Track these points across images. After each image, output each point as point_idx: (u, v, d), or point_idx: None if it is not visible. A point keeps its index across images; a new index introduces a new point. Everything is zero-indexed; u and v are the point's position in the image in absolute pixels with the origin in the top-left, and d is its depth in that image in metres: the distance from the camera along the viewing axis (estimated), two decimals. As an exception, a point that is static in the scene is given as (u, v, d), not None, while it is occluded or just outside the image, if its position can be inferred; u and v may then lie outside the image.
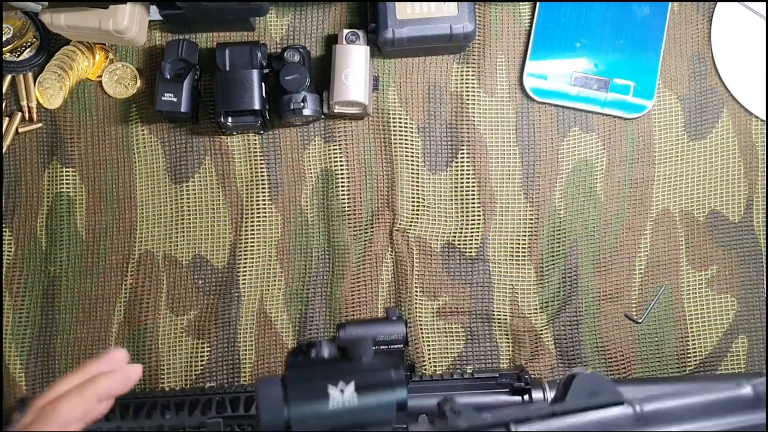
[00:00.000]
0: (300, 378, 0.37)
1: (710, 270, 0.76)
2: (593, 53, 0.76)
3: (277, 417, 0.36)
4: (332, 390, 0.37)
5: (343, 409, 0.37)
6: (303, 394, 0.37)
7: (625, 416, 0.41)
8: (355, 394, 0.37)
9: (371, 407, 0.37)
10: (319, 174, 0.76)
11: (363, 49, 0.71)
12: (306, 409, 0.36)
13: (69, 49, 0.74)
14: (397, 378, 0.38)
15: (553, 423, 0.40)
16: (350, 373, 0.37)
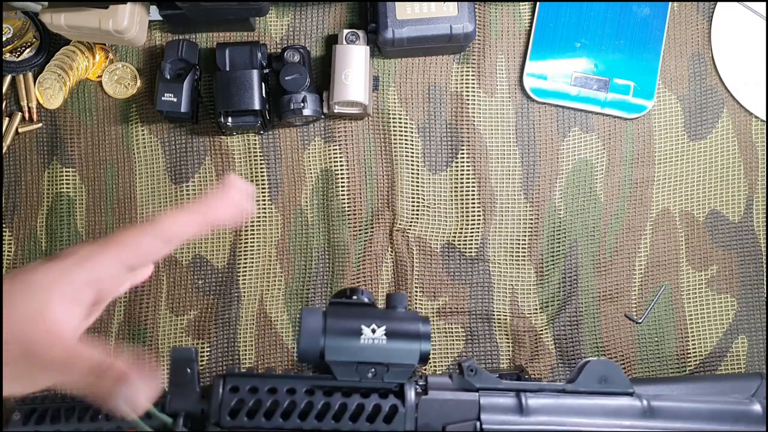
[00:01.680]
0: (339, 314, 0.41)
1: (710, 270, 0.76)
2: (593, 53, 0.76)
3: (314, 345, 0.40)
4: (365, 329, 0.40)
5: (372, 347, 0.40)
6: (339, 327, 0.40)
7: (632, 407, 0.43)
8: (384, 337, 0.40)
9: (397, 350, 0.40)
10: (319, 174, 0.76)
11: (363, 49, 0.71)
12: (340, 342, 0.40)
13: (69, 49, 0.74)
14: (424, 331, 0.41)
15: (561, 400, 0.42)
16: (383, 318, 0.41)
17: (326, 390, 0.41)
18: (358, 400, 0.40)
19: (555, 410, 0.42)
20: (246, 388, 0.41)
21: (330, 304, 0.42)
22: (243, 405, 0.40)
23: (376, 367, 0.41)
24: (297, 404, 0.40)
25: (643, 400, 0.43)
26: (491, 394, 0.42)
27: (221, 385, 0.41)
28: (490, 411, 0.42)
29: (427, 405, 0.41)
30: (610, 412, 0.42)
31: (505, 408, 0.42)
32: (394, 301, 0.42)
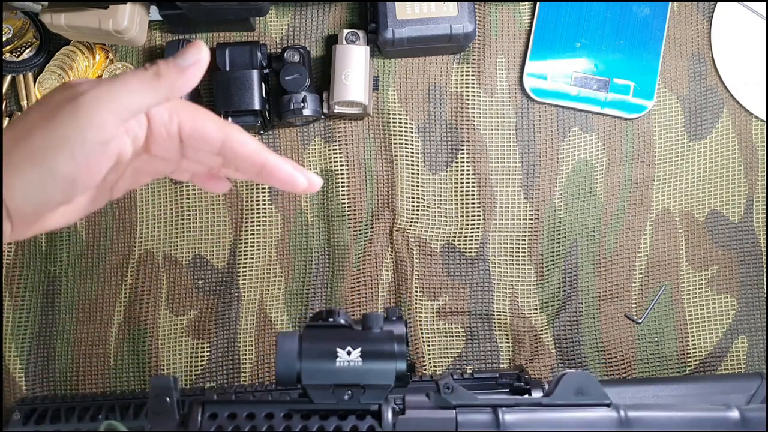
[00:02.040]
0: (315, 337, 0.42)
1: (710, 270, 0.76)
2: (593, 53, 0.76)
3: (290, 369, 0.41)
4: (341, 352, 0.41)
5: (348, 369, 0.41)
6: (315, 351, 0.41)
7: (608, 418, 0.43)
8: (360, 358, 0.41)
9: (373, 371, 0.41)
10: (319, 174, 0.76)
11: (363, 49, 0.71)
12: (316, 365, 0.41)
13: (69, 49, 0.74)
14: (399, 351, 0.42)
15: (538, 414, 0.43)
16: (359, 340, 0.42)
17: (304, 414, 0.41)
18: (335, 422, 0.41)
19: (531, 424, 0.43)
20: (224, 415, 0.42)
21: (306, 327, 0.43)
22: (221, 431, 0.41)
23: (353, 389, 0.41)
24: (275, 429, 0.41)
25: (620, 410, 0.44)
26: (468, 411, 0.43)
27: (200, 413, 0.42)
28: (467, 428, 0.43)
29: (404, 424, 0.42)
30: (585, 423, 0.43)
31: (482, 424, 0.43)
32: (370, 322, 0.43)
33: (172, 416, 0.42)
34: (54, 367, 0.73)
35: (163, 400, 0.42)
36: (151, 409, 0.42)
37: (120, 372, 0.73)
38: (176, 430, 0.42)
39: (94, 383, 0.73)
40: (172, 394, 0.42)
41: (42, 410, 0.69)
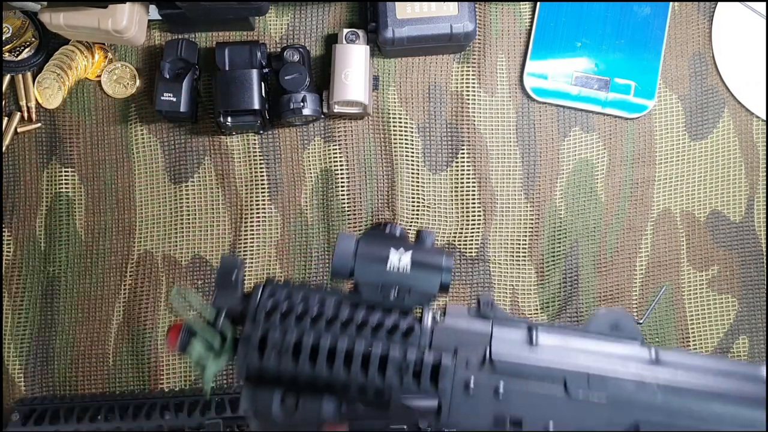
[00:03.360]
0: (372, 241, 0.45)
1: (711, 270, 0.76)
2: (594, 53, 0.76)
3: (345, 265, 0.44)
4: (392, 257, 0.44)
5: (396, 273, 0.44)
6: (369, 253, 0.44)
7: (639, 355, 0.44)
8: (409, 265, 0.44)
9: (419, 278, 0.44)
10: (319, 174, 0.75)
11: (363, 49, 0.71)
12: (368, 265, 0.44)
13: (68, 49, 0.74)
14: (446, 265, 0.44)
15: (571, 338, 0.45)
16: (411, 249, 0.45)
17: (353, 304, 0.45)
18: (379, 314, 0.44)
19: (563, 348, 0.44)
20: (282, 295, 0.45)
21: (365, 234, 0.46)
22: (277, 308, 0.44)
23: (399, 289, 0.44)
24: (325, 312, 0.44)
25: (651, 349, 0.45)
26: (504, 326, 0.45)
27: (261, 290, 0.45)
28: (501, 341, 0.44)
29: (442, 329, 0.45)
30: (616, 356, 0.44)
31: (516, 340, 0.45)
32: (423, 237, 0.46)
33: (236, 291, 0.45)
34: (53, 368, 0.73)
35: (229, 277, 0.45)
36: (217, 283, 0.45)
37: (119, 372, 0.73)
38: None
39: (93, 384, 0.73)
40: (238, 273, 0.45)
41: (41, 411, 0.68)
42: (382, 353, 0.43)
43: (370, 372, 0.43)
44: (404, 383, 0.43)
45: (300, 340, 0.43)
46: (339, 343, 0.43)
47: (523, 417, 0.43)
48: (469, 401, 0.43)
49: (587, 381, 0.43)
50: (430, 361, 0.43)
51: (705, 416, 0.42)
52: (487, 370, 0.44)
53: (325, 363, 0.43)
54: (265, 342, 0.43)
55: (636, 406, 0.43)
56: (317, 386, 0.44)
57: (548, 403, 0.43)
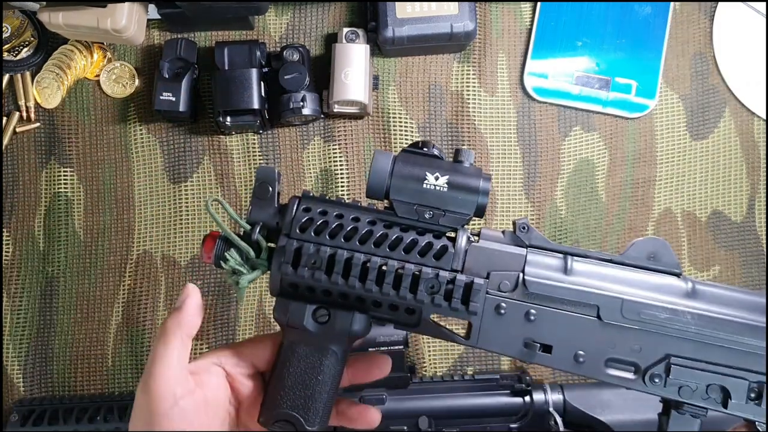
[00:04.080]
0: (407, 160, 0.45)
1: (712, 270, 0.76)
2: (595, 52, 0.76)
3: (380, 183, 0.44)
4: (429, 176, 0.44)
5: (432, 192, 0.44)
6: (406, 171, 0.44)
7: (675, 286, 0.44)
8: (446, 185, 0.44)
9: (455, 199, 0.44)
10: (319, 174, 0.75)
11: (363, 48, 0.71)
12: (404, 184, 0.44)
13: (67, 48, 0.74)
14: (483, 187, 0.44)
15: (606, 268, 0.44)
16: (447, 170, 0.44)
17: (386, 223, 0.45)
18: (413, 235, 0.44)
19: (597, 276, 0.44)
20: (317, 210, 0.45)
21: (402, 151, 0.45)
22: (312, 223, 0.44)
23: (434, 211, 0.44)
24: (359, 230, 0.44)
25: (688, 281, 0.44)
26: (539, 252, 0.45)
27: (296, 204, 0.45)
28: (535, 266, 0.44)
29: (476, 251, 0.44)
30: (651, 286, 0.44)
31: (550, 266, 0.44)
32: (461, 156, 0.45)
33: (272, 204, 0.45)
34: (52, 368, 0.73)
35: (266, 189, 0.45)
36: (254, 194, 0.46)
37: (118, 373, 0.73)
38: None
39: (92, 384, 0.73)
40: (274, 185, 0.45)
41: (40, 411, 0.68)
42: (415, 271, 0.43)
43: (401, 289, 0.43)
44: (435, 302, 0.43)
45: (334, 255, 0.43)
46: (372, 259, 0.43)
47: (554, 343, 0.43)
48: (500, 324, 0.44)
49: (621, 307, 0.43)
50: (463, 281, 0.43)
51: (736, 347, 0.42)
52: (520, 293, 0.44)
53: (357, 278, 0.43)
54: (299, 255, 0.44)
55: (669, 333, 0.43)
56: (349, 302, 0.45)
57: (580, 328, 0.43)
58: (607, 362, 0.43)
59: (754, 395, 0.43)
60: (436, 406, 0.66)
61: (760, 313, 0.43)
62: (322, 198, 0.46)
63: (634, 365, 0.43)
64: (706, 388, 0.43)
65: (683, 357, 0.43)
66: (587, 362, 0.43)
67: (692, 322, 0.43)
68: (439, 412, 0.66)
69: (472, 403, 0.66)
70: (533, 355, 0.43)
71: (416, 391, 0.67)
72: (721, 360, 0.43)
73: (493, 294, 0.44)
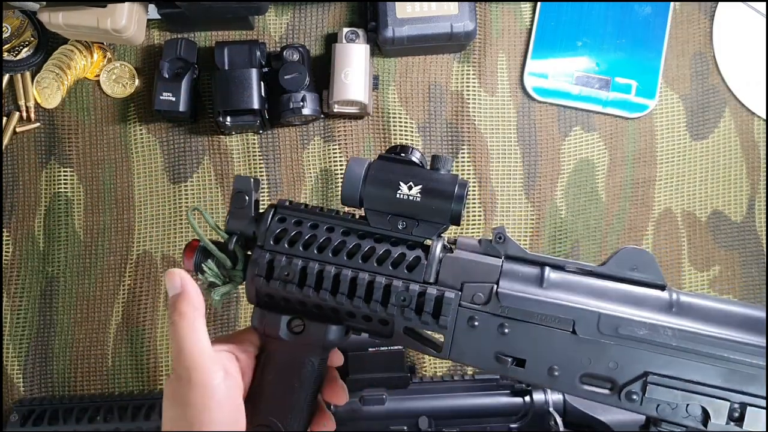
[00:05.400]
0: (383, 167, 0.45)
1: (712, 270, 0.76)
2: (595, 52, 0.76)
3: (354, 191, 0.44)
4: (402, 185, 0.44)
5: (406, 201, 0.43)
6: (379, 179, 0.44)
7: (658, 299, 0.42)
8: (419, 195, 0.43)
9: (429, 208, 0.43)
10: (319, 174, 0.75)
11: (363, 48, 0.71)
12: (377, 192, 0.44)
13: (67, 48, 0.74)
14: (458, 194, 0.43)
15: (584, 279, 0.43)
16: (422, 178, 0.44)
17: (360, 234, 0.45)
18: (386, 246, 0.44)
19: (575, 288, 0.43)
20: (292, 221, 0.45)
21: (379, 157, 0.45)
22: (285, 234, 0.45)
23: (407, 221, 0.44)
24: (332, 241, 0.44)
25: (673, 294, 0.42)
26: (515, 263, 0.44)
27: (271, 214, 0.45)
28: (510, 278, 0.43)
29: (450, 262, 0.44)
30: (631, 300, 0.42)
31: (525, 278, 0.43)
32: (438, 163, 0.45)
33: (249, 213, 0.46)
34: (52, 368, 0.73)
35: (243, 198, 0.46)
36: (231, 204, 0.46)
37: (118, 373, 0.73)
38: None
39: (92, 384, 0.73)
40: (251, 194, 0.46)
41: (40, 411, 0.68)
42: (386, 283, 0.43)
43: (372, 302, 0.43)
44: (405, 315, 0.43)
45: (305, 267, 0.44)
46: (343, 272, 0.43)
47: (528, 357, 0.42)
48: (473, 336, 0.43)
49: (597, 322, 0.41)
50: (433, 295, 0.43)
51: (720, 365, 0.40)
52: (494, 306, 0.42)
53: (329, 291, 0.43)
54: (272, 267, 0.44)
55: (647, 350, 0.41)
56: (323, 313, 0.45)
57: (555, 343, 0.42)
58: (582, 377, 0.42)
59: (737, 416, 0.41)
60: (436, 406, 0.66)
61: (747, 329, 0.41)
62: (298, 207, 0.46)
63: (611, 381, 0.42)
64: (686, 406, 0.41)
65: (662, 375, 0.41)
66: (561, 377, 0.42)
67: (673, 338, 0.41)
68: (439, 412, 0.66)
69: (472, 403, 0.66)
70: (506, 369, 0.42)
71: (416, 391, 0.67)
72: (703, 378, 0.41)
73: (466, 306, 0.43)
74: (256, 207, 0.47)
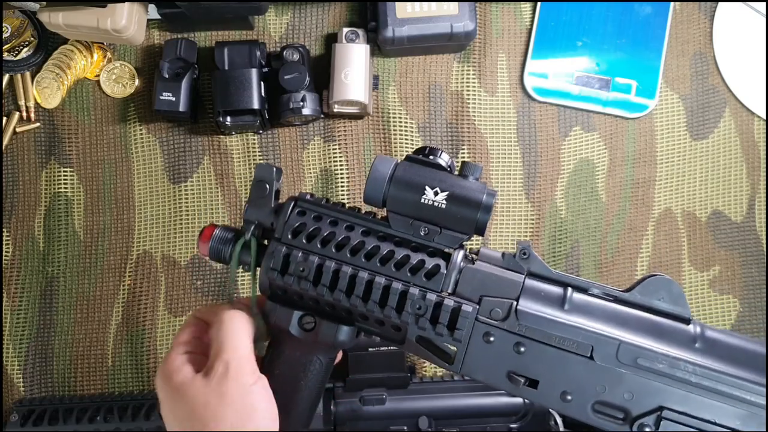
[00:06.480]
0: (409, 169, 0.43)
1: (712, 271, 0.76)
2: (595, 52, 0.76)
3: (378, 191, 0.42)
4: (428, 190, 0.42)
5: (430, 208, 0.42)
6: (405, 182, 0.42)
7: (682, 333, 0.40)
8: (445, 201, 0.42)
9: (454, 216, 0.42)
10: (319, 174, 0.75)
11: (363, 48, 0.71)
12: (402, 194, 0.42)
13: (67, 48, 0.74)
14: (485, 203, 0.41)
15: (609, 306, 0.41)
16: (449, 183, 0.42)
17: (380, 235, 0.43)
18: (405, 251, 0.43)
19: (597, 313, 0.41)
20: (312, 215, 0.44)
21: (406, 158, 0.44)
22: (304, 228, 0.44)
23: (430, 227, 0.42)
24: (351, 240, 0.43)
25: (697, 327, 0.41)
26: (537, 281, 0.42)
27: (291, 206, 0.44)
28: (531, 296, 0.42)
29: (471, 274, 0.42)
30: (654, 330, 0.41)
31: (547, 297, 0.42)
32: (467, 170, 0.43)
33: (268, 203, 0.45)
34: (52, 368, 0.73)
35: (263, 187, 0.45)
36: (251, 192, 0.45)
37: (118, 373, 0.73)
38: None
39: (92, 384, 0.73)
40: (272, 183, 0.45)
41: (40, 411, 0.68)
42: (402, 290, 0.42)
43: (386, 308, 0.42)
44: (420, 324, 0.42)
45: (321, 265, 0.43)
46: (360, 274, 0.42)
47: (541, 379, 0.41)
48: (487, 352, 0.41)
49: (617, 350, 0.40)
50: (450, 306, 0.41)
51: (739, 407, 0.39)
52: (512, 323, 0.41)
53: (344, 291, 0.42)
54: (288, 262, 0.43)
55: (666, 383, 0.40)
56: (336, 312, 0.44)
57: (571, 367, 0.40)
58: (596, 405, 0.41)
59: None
60: (436, 406, 0.66)
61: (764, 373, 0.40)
62: (319, 201, 0.45)
63: (624, 411, 0.41)
64: None
65: (678, 411, 0.40)
66: (574, 402, 0.41)
67: (693, 374, 0.39)
68: (439, 412, 0.66)
69: (472, 403, 0.66)
70: (518, 388, 0.41)
71: (416, 391, 0.67)
72: (720, 419, 0.39)
73: (483, 321, 0.42)
74: (276, 197, 0.45)
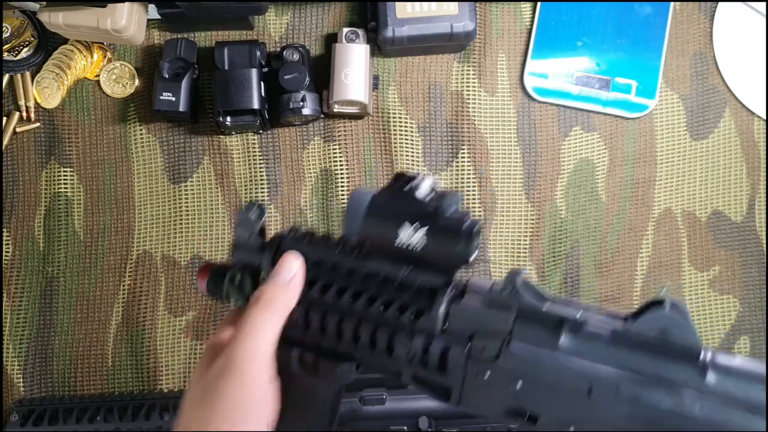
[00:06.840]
0: (385, 203, 0.41)
1: (712, 271, 0.76)
2: (595, 52, 0.76)
3: (354, 226, 0.42)
4: (402, 232, 0.40)
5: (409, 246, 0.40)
6: (381, 215, 0.41)
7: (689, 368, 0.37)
8: (425, 237, 0.40)
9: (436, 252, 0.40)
10: (319, 174, 0.75)
11: (363, 48, 0.71)
12: (378, 233, 0.41)
13: (67, 48, 0.74)
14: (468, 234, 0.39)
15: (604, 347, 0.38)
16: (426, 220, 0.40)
17: (366, 275, 0.42)
18: (391, 292, 0.42)
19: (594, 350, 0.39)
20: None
21: (381, 190, 0.43)
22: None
23: (410, 269, 0.41)
24: (335, 282, 0.43)
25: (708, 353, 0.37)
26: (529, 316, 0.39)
27: (273, 252, 0.44)
28: (523, 334, 0.39)
29: (459, 311, 0.40)
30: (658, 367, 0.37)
31: (540, 334, 0.39)
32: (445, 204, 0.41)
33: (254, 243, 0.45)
34: (52, 368, 0.73)
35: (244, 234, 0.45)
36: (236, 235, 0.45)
37: (118, 373, 0.73)
38: None
39: (92, 384, 0.73)
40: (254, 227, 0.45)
41: (40, 411, 0.68)
42: (388, 337, 0.41)
43: (375, 353, 0.41)
44: (412, 365, 0.41)
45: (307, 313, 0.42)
46: (345, 322, 0.42)
47: (541, 414, 0.39)
48: (482, 390, 0.40)
49: (615, 392, 0.37)
50: (438, 349, 0.40)
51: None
52: (504, 363, 0.39)
53: (333, 336, 0.42)
54: None
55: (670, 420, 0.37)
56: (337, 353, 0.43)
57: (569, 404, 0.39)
58: None
59: None
60: (436, 406, 0.66)
61: None
62: (302, 239, 0.44)
63: None
64: None
65: None
66: None
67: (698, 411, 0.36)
68: (439, 412, 0.66)
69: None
70: (517, 423, 0.40)
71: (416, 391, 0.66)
72: None
73: (476, 359, 0.40)
74: (262, 234, 0.46)
